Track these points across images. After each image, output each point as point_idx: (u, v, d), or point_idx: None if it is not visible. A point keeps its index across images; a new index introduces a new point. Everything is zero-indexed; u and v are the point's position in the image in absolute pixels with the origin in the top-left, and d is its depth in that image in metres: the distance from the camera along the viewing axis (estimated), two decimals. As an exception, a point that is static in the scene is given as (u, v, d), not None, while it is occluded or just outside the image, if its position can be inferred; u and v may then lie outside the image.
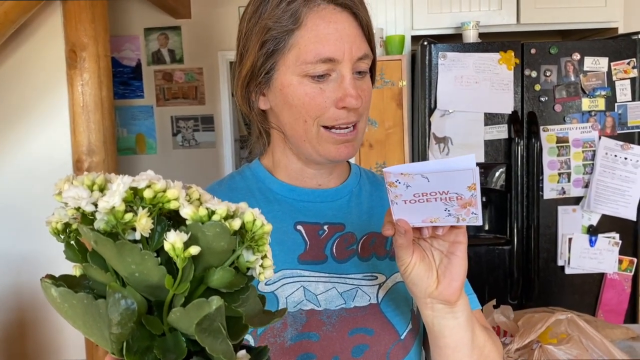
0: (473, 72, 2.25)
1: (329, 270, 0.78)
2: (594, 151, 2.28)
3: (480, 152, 2.29)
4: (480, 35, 2.44)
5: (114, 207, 0.43)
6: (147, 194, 0.44)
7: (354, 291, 0.78)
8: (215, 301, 0.41)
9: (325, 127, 0.74)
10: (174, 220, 0.47)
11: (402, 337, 0.78)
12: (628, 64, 2.25)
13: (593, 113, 2.28)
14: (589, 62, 2.26)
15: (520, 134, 2.25)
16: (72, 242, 0.48)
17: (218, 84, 4.49)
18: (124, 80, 4.45)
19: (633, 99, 2.27)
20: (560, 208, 2.32)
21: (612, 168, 2.27)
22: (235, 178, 0.86)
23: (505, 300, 2.31)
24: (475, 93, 2.25)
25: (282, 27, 0.72)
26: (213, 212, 0.44)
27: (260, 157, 0.87)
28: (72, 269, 0.48)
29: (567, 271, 2.34)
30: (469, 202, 0.58)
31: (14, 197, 3.04)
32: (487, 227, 2.40)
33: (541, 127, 2.27)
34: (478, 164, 2.27)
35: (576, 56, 2.26)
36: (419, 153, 2.36)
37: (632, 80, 2.26)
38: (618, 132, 2.28)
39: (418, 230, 0.64)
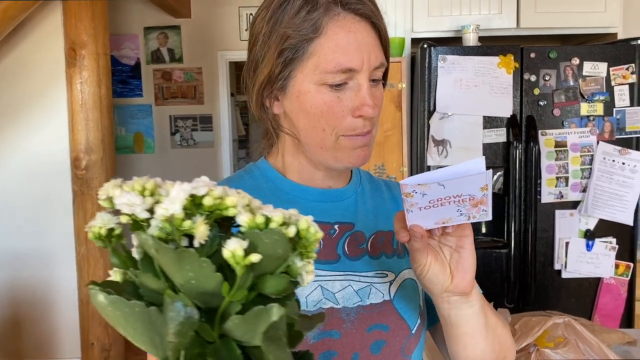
0: (472, 75, 2.25)
1: (343, 269, 0.80)
2: (592, 156, 2.29)
3: (479, 155, 2.29)
4: (480, 38, 2.44)
5: (172, 215, 0.43)
6: (207, 201, 0.44)
7: (368, 288, 0.79)
8: (276, 309, 0.42)
9: (344, 136, 0.76)
10: (222, 226, 0.47)
11: (413, 331, 0.81)
12: (627, 69, 2.26)
13: (591, 118, 2.29)
14: (588, 67, 2.27)
15: (519, 137, 2.25)
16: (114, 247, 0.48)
17: (217, 83, 4.49)
18: (122, 78, 4.44)
19: (631, 104, 2.28)
20: (557, 212, 2.32)
21: (609, 173, 2.28)
22: (244, 178, 0.86)
23: (502, 304, 2.31)
24: (475, 96, 2.26)
25: (302, 36, 0.72)
26: (269, 220, 0.44)
27: (266, 156, 0.86)
28: (112, 274, 0.48)
29: (564, 275, 2.35)
30: (480, 201, 0.61)
31: (11, 195, 3.03)
32: (484, 230, 2.40)
33: (540, 131, 2.28)
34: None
35: (575, 61, 2.27)
36: (417, 156, 2.36)
37: (631, 85, 2.27)
38: (616, 137, 2.29)
39: (429, 230, 0.67)
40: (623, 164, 2.27)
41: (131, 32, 4.41)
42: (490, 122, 2.28)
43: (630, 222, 2.30)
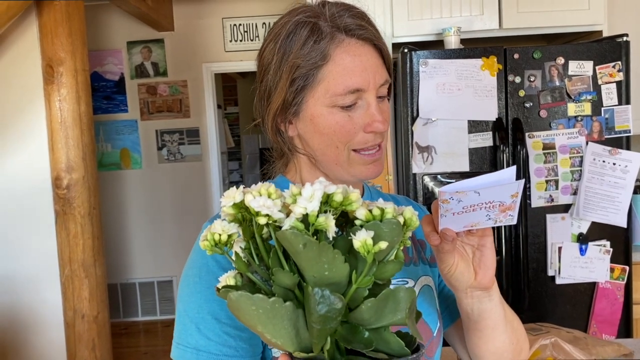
0: (455, 79, 2.19)
1: None
2: (582, 157, 2.22)
3: (465, 160, 2.23)
4: (462, 41, 2.38)
5: (311, 212, 0.46)
6: (338, 198, 0.47)
7: None
8: (404, 290, 0.47)
9: (355, 150, 0.81)
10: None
11: (435, 333, 0.86)
12: (613, 67, 2.20)
13: (579, 118, 2.22)
14: (574, 66, 2.21)
15: (506, 141, 2.19)
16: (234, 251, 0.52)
17: (203, 96, 4.43)
18: (107, 94, 4.38)
19: (619, 103, 2.21)
20: (548, 216, 2.25)
21: (600, 174, 2.21)
22: None
23: (495, 313, 2.23)
24: (458, 100, 2.19)
25: (311, 65, 0.78)
26: (384, 211, 0.48)
27: (284, 173, 0.91)
28: (226, 279, 0.52)
29: (558, 281, 2.27)
30: (509, 207, 0.65)
31: (-11, 217, 2.96)
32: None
33: (527, 134, 2.21)
34: (462, 173, 2.21)
35: (560, 60, 2.21)
36: (402, 163, 2.29)
37: (618, 83, 2.21)
38: (605, 137, 2.22)
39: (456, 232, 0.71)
40: (614, 164, 2.21)
41: (114, 47, 4.36)
42: (475, 126, 2.22)
43: (624, 224, 2.23)
